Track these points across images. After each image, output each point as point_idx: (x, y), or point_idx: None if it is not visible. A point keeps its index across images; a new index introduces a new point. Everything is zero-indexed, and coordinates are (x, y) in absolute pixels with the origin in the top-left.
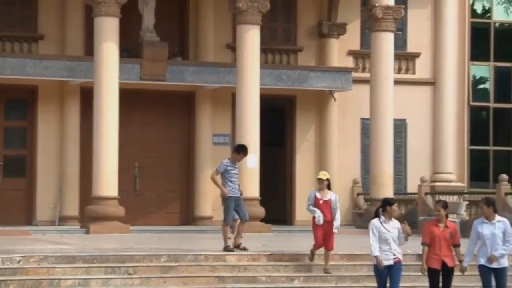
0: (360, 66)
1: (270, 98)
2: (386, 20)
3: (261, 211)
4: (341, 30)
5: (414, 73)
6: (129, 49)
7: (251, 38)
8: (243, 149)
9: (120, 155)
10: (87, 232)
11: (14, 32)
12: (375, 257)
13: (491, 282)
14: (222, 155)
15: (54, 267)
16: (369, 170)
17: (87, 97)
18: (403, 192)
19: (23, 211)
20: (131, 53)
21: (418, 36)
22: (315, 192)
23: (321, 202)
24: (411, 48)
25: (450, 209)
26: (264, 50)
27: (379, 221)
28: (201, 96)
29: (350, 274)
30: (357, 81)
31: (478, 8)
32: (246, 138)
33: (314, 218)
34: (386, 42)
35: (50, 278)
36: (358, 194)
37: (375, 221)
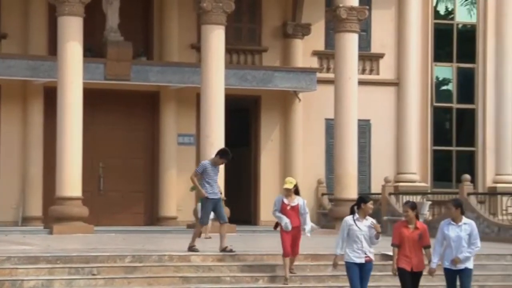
0: (324, 66)
1: (235, 98)
2: (350, 20)
3: (226, 211)
4: (305, 30)
5: (378, 73)
6: (93, 48)
7: (216, 39)
8: (226, 155)
9: (84, 155)
10: (51, 232)
11: None
12: (335, 255)
13: (455, 285)
14: (187, 155)
15: (17, 268)
16: (333, 170)
17: (51, 97)
18: (367, 192)
19: None
20: (95, 52)
21: (382, 37)
22: (283, 197)
23: (288, 208)
24: (375, 49)
25: None
26: (229, 50)
27: (353, 218)
28: (165, 96)
29: (315, 274)
30: (321, 81)
31: (442, 9)
32: (211, 138)
33: (281, 225)
34: (350, 42)
35: (13, 279)
36: (323, 194)
37: (349, 218)
